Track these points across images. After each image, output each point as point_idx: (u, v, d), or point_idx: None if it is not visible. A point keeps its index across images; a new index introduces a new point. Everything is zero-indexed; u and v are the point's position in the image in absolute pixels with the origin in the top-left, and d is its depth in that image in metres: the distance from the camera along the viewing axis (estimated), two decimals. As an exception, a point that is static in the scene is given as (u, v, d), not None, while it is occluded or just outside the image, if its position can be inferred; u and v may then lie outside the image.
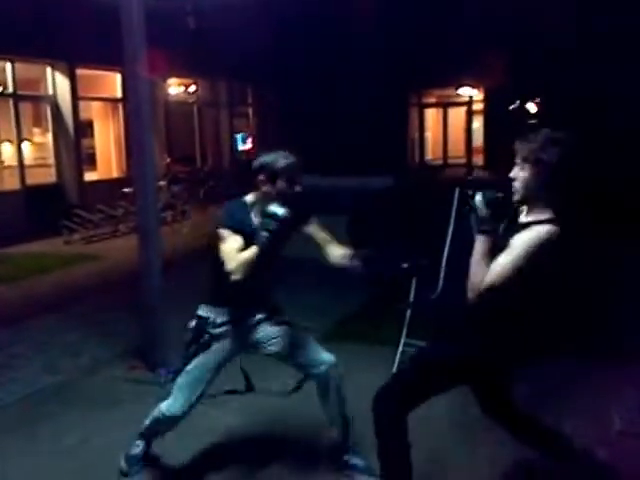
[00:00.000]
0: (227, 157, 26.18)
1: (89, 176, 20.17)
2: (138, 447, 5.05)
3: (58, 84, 18.79)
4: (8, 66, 17.48)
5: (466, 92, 31.46)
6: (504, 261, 3.80)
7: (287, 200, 4.59)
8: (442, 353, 4.24)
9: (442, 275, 7.33)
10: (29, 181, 18.12)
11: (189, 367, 4.80)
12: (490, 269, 3.81)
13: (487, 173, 4.12)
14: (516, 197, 3.97)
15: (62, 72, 18.73)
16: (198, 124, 25.41)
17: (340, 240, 4.86)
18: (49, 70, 18.65)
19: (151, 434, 5.06)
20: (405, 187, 18.52)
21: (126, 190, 16.51)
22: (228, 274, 4.49)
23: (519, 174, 3.96)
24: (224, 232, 4.60)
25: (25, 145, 18.75)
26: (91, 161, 21.27)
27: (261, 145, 27.98)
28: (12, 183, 17.94)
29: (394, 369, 6.76)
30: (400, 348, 6.93)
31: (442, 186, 7.66)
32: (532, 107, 29.29)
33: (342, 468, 5.04)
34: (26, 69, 18.21)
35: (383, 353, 7.10)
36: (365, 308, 9.16)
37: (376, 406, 4.18)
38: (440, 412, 5.55)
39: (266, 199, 4.65)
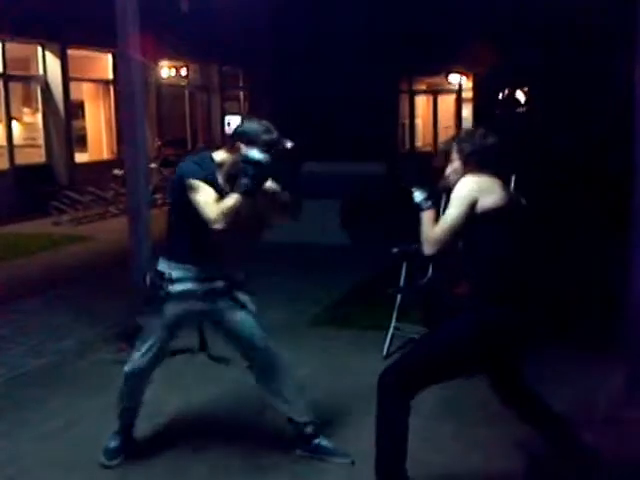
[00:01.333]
0: (218, 140, 26.12)
1: (79, 157, 20.09)
2: (114, 440, 5.01)
3: (49, 64, 18.70)
4: (-2, 46, 17.37)
5: (456, 80, 31.50)
6: (450, 210, 4.09)
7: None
8: (456, 328, 4.22)
9: (432, 261, 7.37)
10: (18, 161, 18.04)
11: (147, 322, 4.80)
12: (442, 222, 4.11)
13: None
14: (451, 184, 4.29)
15: (53, 52, 18.65)
16: (189, 107, 25.36)
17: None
18: (40, 50, 18.54)
19: (127, 410, 5.02)
20: (396, 173, 18.55)
21: (117, 172, 16.46)
22: (199, 227, 4.39)
23: (450, 169, 4.42)
24: (196, 182, 4.45)
25: (14, 125, 18.64)
26: (82, 142, 21.15)
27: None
28: (1, 163, 17.85)
29: (384, 353, 6.83)
30: (390, 332, 6.95)
31: (433, 172, 7.66)
32: (521, 95, 29.37)
33: (313, 451, 4.93)
34: (16, 49, 18.11)
35: (373, 338, 7.12)
36: (354, 293, 9.16)
37: (382, 386, 4.17)
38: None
39: (235, 165, 4.55)
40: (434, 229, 4.10)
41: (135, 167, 7.32)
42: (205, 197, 4.41)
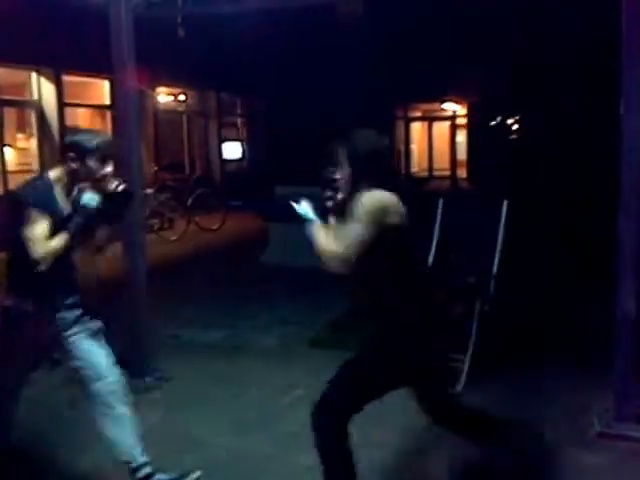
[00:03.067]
0: (216, 166, 26.19)
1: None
2: None
3: (43, 90, 18.66)
4: (-9, 71, 17.38)
5: (450, 107, 31.72)
6: (351, 228, 3.96)
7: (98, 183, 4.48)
8: (370, 357, 4.28)
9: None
10: (12, 186, 17.99)
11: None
12: (342, 236, 3.98)
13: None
14: (342, 194, 4.21)
15: (48, 78, 18.61)
16: (187, 133, 25.41)
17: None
18: (34, 75, 18.52)
19: None
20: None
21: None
22: (32, 261, 4.32)
23: (340, 174, 4.22)
24: (31, 212, 4.35)
25: (8, 150, 18.59)
26: (77, 167, 21.11)
27: (251, 154, 28.07)
28: (-6, 188, 17.82)
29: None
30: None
31: (427, 197, 7.79)
32: (512, 123, 29.58)
33: None
34: (10, 74, 18.03)
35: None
36: (350, 315, 9.16)
37: (317, 419, 4.22)
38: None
39: (73, 177, 4.52)
40: (337, 244, 3.97)
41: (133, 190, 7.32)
42: (36, 232, 4.34)
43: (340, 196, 4.23)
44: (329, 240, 4.02)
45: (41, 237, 4.32)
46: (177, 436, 5.37)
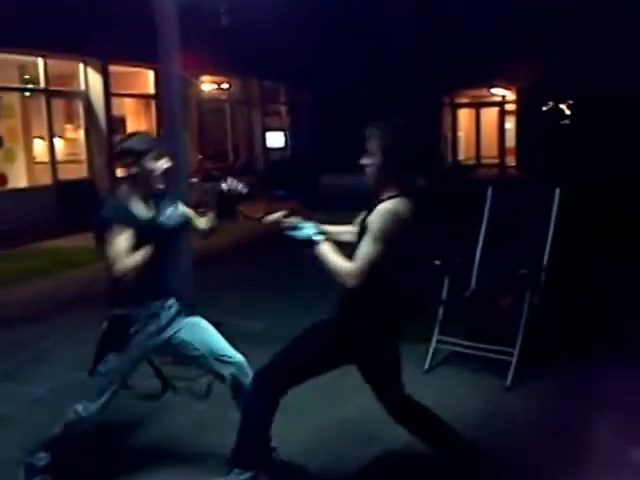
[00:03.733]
0: (259, 155, 26.16)
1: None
2: (41, 460, 4.80)
3: (90, 80, 18.84)
4: (40, 62, 17.53)
5: (499, 92, 31.31)
6: (367, 244, 4.11)
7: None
8: (325, 332, 4.47)
9: (475, 274, 7.28)
10: (61, 176, 18.18)
11: (104, 369, 4.71)
12: (357, 254, 4.15)
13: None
14: (370, 182, 4.30)
15: (94, 68, 18.78)
16: (230, 121, 25.42)
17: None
18: (81, 66, 18.69)
19: (61, 441, 4.82)
20: (438, 186, 18.47)
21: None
22: (115, 276, 4.47)
23: (370, 161, 4.28)
24: (112, 230, 4.50)
25: (57, 141, 18.79)
26: (123, 157, 21.24)
27: (294, 143, 27.98)
28: (44, 179, 18.01)
29: (425, 366, 6.77)
30: (432, 345, 6.85)
31: (475, 185, 7.66)
32: (565, 108, 29.14)
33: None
34: (58, 65, 18.24)
35: (414, 351, 7.01)
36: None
37: (255, 383, 4.50)
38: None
39: (137, 181, 4.69)
40: (350, 263, 4.15)
41: (176, 181, 7.30)
42: (117, 247, 4.47)
43: (370, 183, 4.32)
44: (339, 259, 4.20)
45: (122, 253, 4.45)
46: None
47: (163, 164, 4.70)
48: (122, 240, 4.47)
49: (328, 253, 4.23)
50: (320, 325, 4.53)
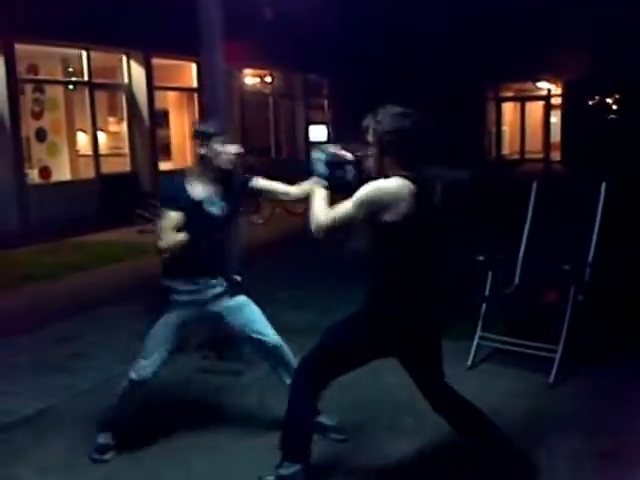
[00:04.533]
0: (302, 148, 26.13)
1: (164, 166, 20.29)
2: (104, 438, 5.18)
3: (133, 73, 18.96)
4: (84, 55, 17.68)
5: (544, 86, 31.01)
6: (343, 205, 4.18)
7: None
8: (356, 323, 4.39)
9: (518, 270, 7.18)
10: (104, 170, 18.31)
11: (152, 331, 5.09)
12: (334, 210, 4.22)
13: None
14: (373, 173, 4.27)
15: (137, 61, 18.90)
16: (273, 115, 25.44)
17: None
18: (124, 59, 18.82)
19: (119, 413, 5.21)
20: (483, 180, 18.34)
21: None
22: (159, 250, 4.90)
23: (368, 152, 4.30)
24: (163, 208, 4.91)
25: (100, 134, 18.93)
26: (166, 151, 21.40)
27: (337, 137, 27.90)
28: (87, 172, 18.16)
29: (468, 363, 6.67)
30: (475, 342, 6.75)
31: (519, 180, 7.54)
32: (611, 102, 28.81)
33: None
34: (102, 58, 18.38)
35: (456, 347, 6.94)
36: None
37: (295, 377, 4.55)
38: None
39: (205, 161, 5.03)
40: (325, 213, 4.25)
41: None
42: (162, 225, 4.90)
43: (351, 175, 4.43)
44: (321, 206, 4.30)
45: (167, 230, 4.86)
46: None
47: (232, 148, 5.12)
48: (167, 218, 4.86)
49: (318, 196, 4.35)
50: (352, 317, 4.46)
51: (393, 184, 4.09)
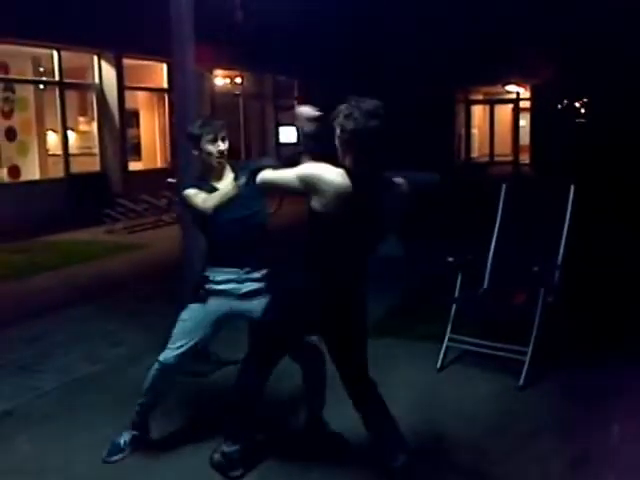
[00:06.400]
0: (272, 150, 26.10)
1: (133, 166, 20.23)
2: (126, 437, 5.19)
3: (104, 73, 18.86)
4: (55, 54, 17.55)
5: (513, 89, 31.21)
6: (286, 171, 4.38)
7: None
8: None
9: (488, 272, 7.22)
10: (73, 170, 18.20)
11: (183, 316, 5.09)
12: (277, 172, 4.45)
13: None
14: (341, 154, 4.31)
15: (108, 61, 18.81)
16: (243, 116, 25.37)
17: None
18: (95, 59, 18.72)
19: (148, 407, 5.21)
20: (452, 182, 18.41)
21: (170, 180, 16.50)
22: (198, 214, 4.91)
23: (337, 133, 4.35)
24: (188, 191, 4.94)
25: (70, 134, 18.82)
26: (136, 151, 21.34)
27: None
28: (57, 171, 18.04)
29: (438, 365, 6.65)
30: (445, 343, 6.76)
31: (489, 183, 7.58)
32: (579, 106, 29.07)
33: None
34: (73, 57, 18.25)
35: (425, 349, 6.97)
36: (407, 303, 9.01)
37: (245, 362, 4.74)
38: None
39: (205, 167, 5.08)
40: (269, 173, 4.50)
41: (187, 175, 7.25)
42: (197, 196, 4.92)
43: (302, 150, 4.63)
44: (269, 172, 4.50)
45: (196, 195, 4.89)
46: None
47: (218, 146, 5.01)
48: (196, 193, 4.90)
49: (267, 170, 4.55)
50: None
51: (332, 175, 4.13)
